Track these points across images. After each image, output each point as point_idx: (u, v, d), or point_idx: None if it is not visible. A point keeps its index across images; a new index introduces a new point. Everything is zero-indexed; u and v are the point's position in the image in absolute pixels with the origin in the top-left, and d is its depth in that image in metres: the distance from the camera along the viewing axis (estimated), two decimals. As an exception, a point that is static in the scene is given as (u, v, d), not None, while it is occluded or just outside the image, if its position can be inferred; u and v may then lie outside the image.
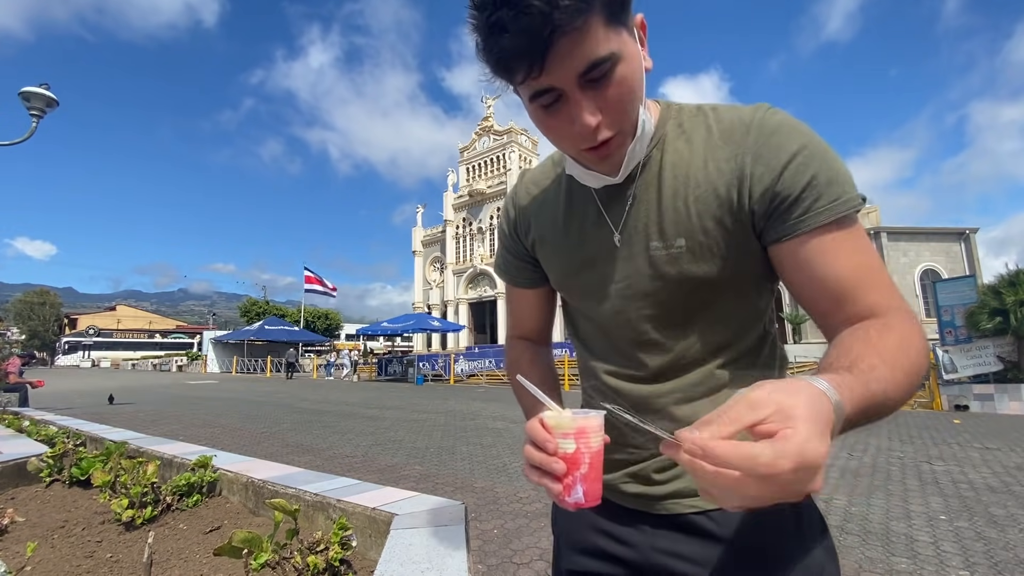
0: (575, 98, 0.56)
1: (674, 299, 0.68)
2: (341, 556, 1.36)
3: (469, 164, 40.53)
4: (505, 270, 0.89)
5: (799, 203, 0.59)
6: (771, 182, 0.60)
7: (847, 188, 0.59)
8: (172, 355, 43.01)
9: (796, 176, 0.59)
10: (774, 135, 0.61)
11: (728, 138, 0.64)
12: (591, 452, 0.54)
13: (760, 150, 0.61)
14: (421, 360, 20.82)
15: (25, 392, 8.85)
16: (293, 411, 9.97)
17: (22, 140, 7.31)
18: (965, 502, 3.73)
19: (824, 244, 0.59)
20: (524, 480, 4.40)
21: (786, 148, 0.60)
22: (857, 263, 0.58)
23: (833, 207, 0.58)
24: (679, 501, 0.70)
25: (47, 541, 1.74)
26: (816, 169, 0.58)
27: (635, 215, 0.68)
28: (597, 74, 0.54)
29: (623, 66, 0.55)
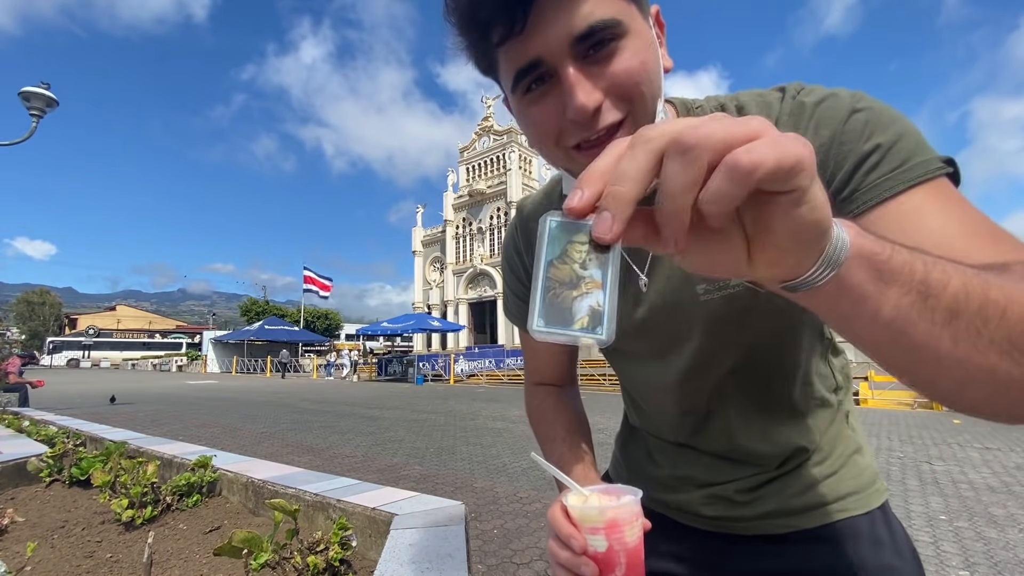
0: (567, 73, 0.44)
1: (730, 336, 0.59)
2: (341, 556, 1.36)
3: (469, 164, 40.52)
4: (517, 315, 0.80)
5: (859, 170, 0.45)
6: (822, 157, 0.47)
7: (913, 150, 0.45)
8: (172, 355, 43.03)
9: (852, 143, 0.46)
10: (817, 106, 0.49)
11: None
12: (627, 549, 0.45)
13: (799, 126, 0.51)
14: (421, 360, 20.82)
15: (25, 392, 8.85)
16: (293, 411, 9.97)
17: (22, 140, 7.31)
18: (965, 502, 3.73)
19: (899, 213, 0.43)
20: (524, 480, 4.41)
21: (835, 115, 0.48)
22: (956, 222, 0.42)
23: (910, 169, 0.44)
24: (771, 522, 0.64)
25: (47, 541, 1.74)
26: (874, 128, 0.46)
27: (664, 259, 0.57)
28: (598, 40, 0.44)
29: (633, 41, 0.45)
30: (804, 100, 0.51)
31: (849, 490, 0.64)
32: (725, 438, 0.66)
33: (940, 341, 0.30)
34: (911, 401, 10.31)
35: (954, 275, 0.31)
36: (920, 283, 0.30)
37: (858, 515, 0.62)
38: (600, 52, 0.44)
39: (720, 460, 0.67)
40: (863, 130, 0.46)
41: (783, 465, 0.64)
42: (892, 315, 0.30)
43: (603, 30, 0.43)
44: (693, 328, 0.60)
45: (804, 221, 0.27)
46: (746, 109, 0.55)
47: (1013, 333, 0.30)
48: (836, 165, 0.47)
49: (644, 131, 0.28)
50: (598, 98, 0.45)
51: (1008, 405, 0.32)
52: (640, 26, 0.47)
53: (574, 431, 0.75)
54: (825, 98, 0.50)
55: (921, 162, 0.44)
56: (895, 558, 0.62)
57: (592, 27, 0.42)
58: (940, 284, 0.30)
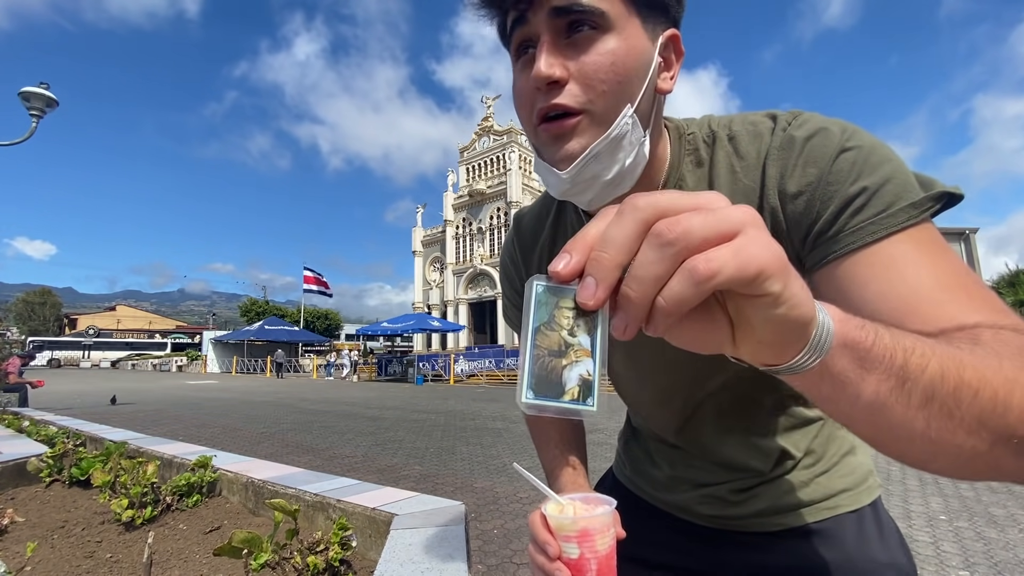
0: (541, 42, 0.47)
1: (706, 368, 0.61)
2: (341, 556, 1.36)
3: (469, 164, 40.52)
4: (515, 321, 0.83)
5: (842, 214, 0.46)
6: (805, 201, 0.49)
7: (907, 189, 0.45)
8: (172, 355, 43.03)
9: (834, 186, 0.47)
10: (805, 145, 0.50)
11: (753, 175, 0.53)
12: (597, 557, 0.48)
13: (786, 167, 0.50)
14: (421, 360, 20.82)
15: (25, 392, 8.85)
16: (293, 411, 9.97)
17: (22, 140, 7.31)
18: (965, 502, 3.73)
19: (875, 262, 0.44)
20: (524, 480, 4.40)
21: (822, 155, 0.48)
22: (931, 275, 0.42)
23: (891, 216, 0.44)
24: (764, 520, 0.66)
25: (47, 541, 1.74)
26: (859, 171, 0.46)
27: None
28: (575, 20, 0.46)
29: (612, 38, 0.47)
30: (794, 134, 0.51)
31: (840, 488, 0.65)
32: (712, 452, 0.69)
33: (914, 422, 0.31)
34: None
35: (932, 358, 0.31)
36: (900, 369, 0.31)
37: (848, 512, 0.64)
38: (576, 35, 0.47)
39: (713, 464, 0.70)
40: (850, 171, 0.47)
41: (774, 470, 0.66)
42: (871, 399, 0.31)
43: (581, 12, 0.45)
44: (672, 357, 0.62)
45: (784, 319, 0.27)
46: (738, 139, 0.55)
47: (983, 414, 0.30)
48: (822, 205, 0.48)
49: (634, 199, 0.28)
50: (559, 72, 0.47)
51: (972, 472, 0.34)
52: (631, 32, 0.48)
53: (567, 436, 0.78)
54: (815, 133, 0.50)
55: (905, 207, 0.44)
56: (883, 553, 0.63)
57: (572, 5, 0.45)
58: (919, 369, 0.31)
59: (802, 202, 0.49)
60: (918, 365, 0.31)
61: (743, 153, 0.55)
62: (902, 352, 0.31)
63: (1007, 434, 0.31)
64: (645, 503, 0.80)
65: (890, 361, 0.31)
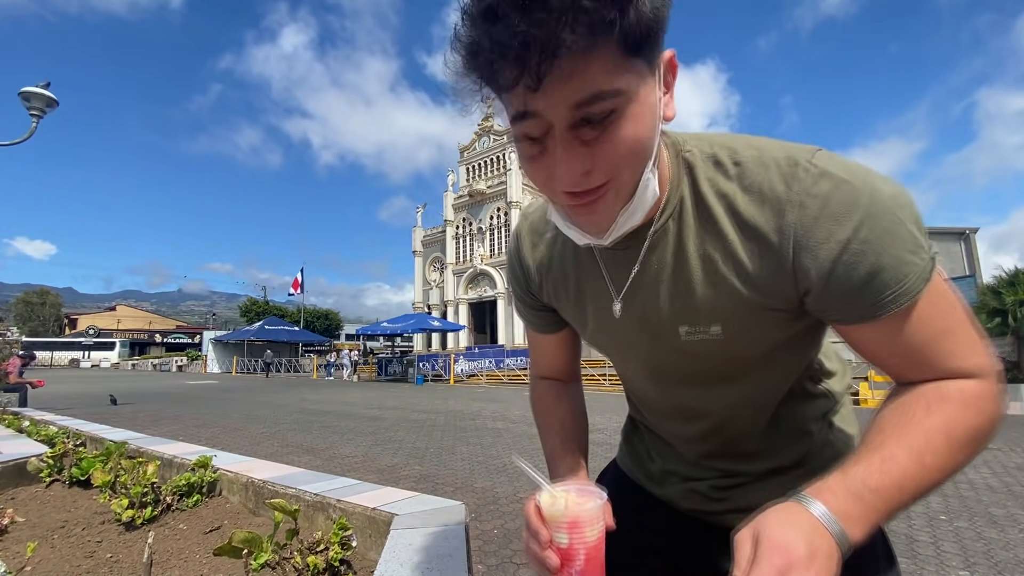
0: (562, 135, 0.45)
1: (714, 373, 0.64)
2: (341, 556, 1.36)
3: (469, 164, 40.51)
4: (526, 318, 0.83)
5: (861, 297, 0.49)
6: (822, 278, 0.50)
7: (917, 258, 0.48)
8: (171, 355, 42.99)
9: (852, 269, 0.48)
10: (819, 219, 0.49)
11: (760, 217, 0.52)
12: (586, 546, 0.50)
13: (804, 238, 0.50)
14: (421, 360, 20.83)
15: (25, 392, 8.85)
16: (293, 411, 9.97)
17: (22, 140, 7.31)
18: (965, 502, 3.73)
19: (894, 324, 0.50)
20: (524, 480, 4.41)
21: (837, 236, 0.48)
22: (932, 332, 0.51)
23: (902, 293, 0.48)
24: (738, 515, 0.67)
25: (47, 541, 1.74)
26: (877, 255, 0.48)
27: (642, 287, 0.60)
28: (596, 112, 0.44)
29: (631, 112, 0.45)
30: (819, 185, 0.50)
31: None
32: (710, 454, 0.72)
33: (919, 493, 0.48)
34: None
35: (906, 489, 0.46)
36: (887, 514, 0.46)
37: None
38: (597, 122, 0.45)
39: (705, 463, 0.74)
40: (874, 239, 0.48)
41: (763, 475, 0.71)
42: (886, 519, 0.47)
43: (603, 100, 0.43)
44: (672, 356, 0.64)
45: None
46: (744, 168, 0.54)
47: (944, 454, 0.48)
48: (846, 269, 0.49)
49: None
50: (581, 173, 0.47)
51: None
52: (645, 91, 0.46)
53: (568, 425, 0.80)
54: (838, 187, 0.49)
55: (918, 277, 0.49)
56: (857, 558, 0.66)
57: (593, 95, 0.43)
58: (900, 504, 0.46)
59: (823, 261, 0.49)
60: (899, 502, 0.46)
61: (749, 186, 0.53)
62: (885, 507, 0.46)
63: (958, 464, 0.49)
64: (643, 491, 0.83)
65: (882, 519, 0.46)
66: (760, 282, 0.53)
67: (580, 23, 0.39)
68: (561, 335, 0.81)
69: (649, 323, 0.62)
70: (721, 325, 0.57)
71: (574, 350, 0.85)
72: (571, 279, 0.69)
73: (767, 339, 0.58)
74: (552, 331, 0.81)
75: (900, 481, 0.46)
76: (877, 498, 0.45)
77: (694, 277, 0.56)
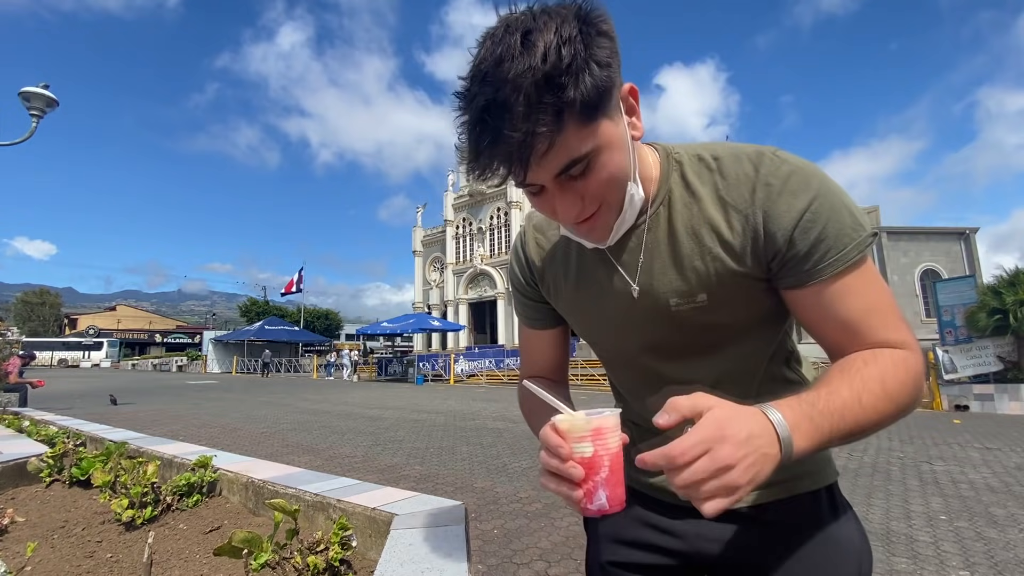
0: (555, 192, 0.58)
1: (698, 344, 0.71)
2: (341, 556, 1.36)
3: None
4: (522, 313, 0.89)
5: (810, 257, 0.61)
6: (784, 242, 0.61)
7: (856, 233, 0.60)
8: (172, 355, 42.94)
9: (806, 234, 0.60)
10: (782, 194, 0.61)
11: (736, 195, 0.64)
12: (610, 454, 0.53)
13: (769, 209, 0.62)
14: (421, 360, 20.82)
15: (25, 392, 8.85)
16: (293, 411, 9.97)
17: (22, 140, 7.31)
18: (965, 502, 3.73)
19: (835, 290, 0.61)
20: (524, 480, 4.41)
21: (795, 207, 0.61)
22: (865, 305, 0.62)
23: (842, 257, 0.60)
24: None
25: (47, 541, 1.74)
26: (824, 223, 0.60)
27: (650, 271, 0.69)
28: (575, 172, 0.56)
29: (603, 157, 0.57)
30: (779, 169, 0.63)
31: (800, 472, 0.73)
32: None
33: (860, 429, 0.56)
34: (911, 401, 10.32)
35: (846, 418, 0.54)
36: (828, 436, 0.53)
37: (806, 492, 0.73)
38: (578, 176, 0.57)
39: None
40: (823, 212, 0.60)
41: None
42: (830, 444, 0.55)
43: (578, 163, 0.55)
44: (665, 330, 0.71)
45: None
46: (722, 162, 0.66)
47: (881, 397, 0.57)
48: (800, 235, 0.61)
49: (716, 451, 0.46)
50: (577, 209, 0.60)
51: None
52: (611, 135, 0.57)
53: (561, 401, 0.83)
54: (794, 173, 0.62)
55: (857, 245, 0.60)
56: (837, 529, 0.72)
57: (568, 164, 0.55)
58: (840, 431, 0.54)
59: (784, 227, 0.61)
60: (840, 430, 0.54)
61: (726, 174, 0.65)
62: (828, 427, 0.53)
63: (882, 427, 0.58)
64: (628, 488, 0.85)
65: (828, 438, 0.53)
66: (739, 249, 0.64)
67: (545, 116, 0.50)
68: (554, 332, 0.87)
69: (647, 299, 0.70)
70: (707, 293, 0.67)
71: (564, 350, 0.90)
72: (572, 271, 0.77)
73: (743, 307, 0.68)
74: (546, 326, 0.87)
75: (842, 410, 0.54)
76: (823, 419, 0.53)
77: (684, 252, 0.67)
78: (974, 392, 9.18)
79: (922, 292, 26.27)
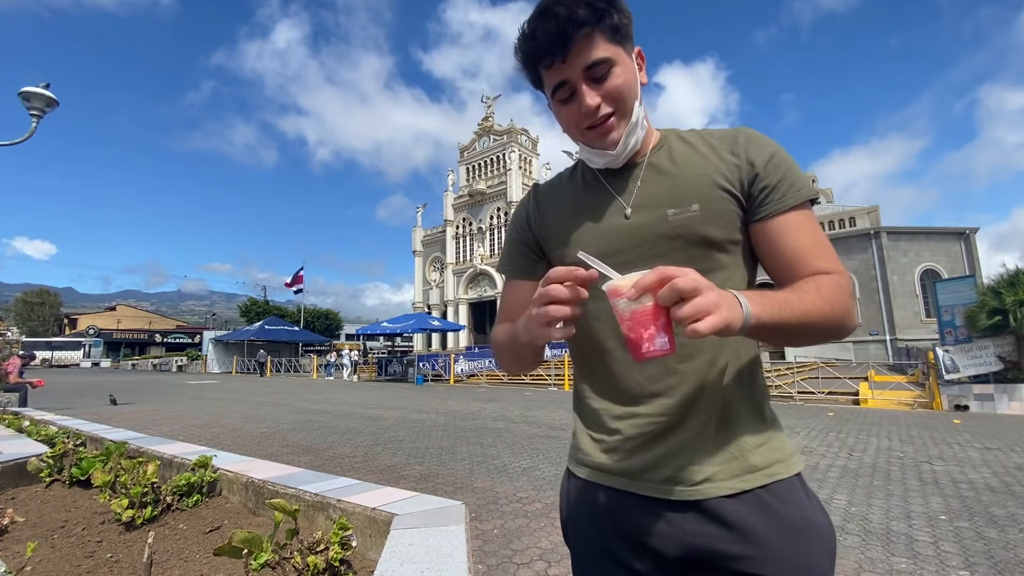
0: (582, 88, 0.76)
1: (689, 261, 0.77)
2: (341, 556, 1.36)
3: (469, 164, 40.51)
4: (509, 262, 0.97)
5: (778, 188, 0.78)
6: (761, 171, 0.79)
7: (807, 182, 0.80)
8: (172, 355, 42.92)
9: (776, 168, 0.79)
10: (758, 141, 0.82)
11: (723, 142, 0.83)
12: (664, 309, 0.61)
13: (749, 148, 0.80)
14: (421, 360, 20.82)
15: (25, 392, 8.85)
16: (293, 411, 9.97)
17: (22, 140, 7.31)
18: (965, 502, 3.73)
19: (791, 224, 0.78)
20: (524, 480, 4.41)
21: (767, 150, 0.80)
22: (810, 240, 0.77)
23: (799, 194, 0.78)
24: (714, 485, 0.75)
25: (47, 541, 1.74)
26: (787, 167, 0.79)
27: (648, 192, 0.83)
28: (598, 72, 0.75)
29: (618, 69, 0.77)
30: (752, 133, 0.83)
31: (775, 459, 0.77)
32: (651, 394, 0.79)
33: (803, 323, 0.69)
34: (911, 401, 10.32)
35: (789, 305, 0.68)
36: (777, 315, 0.66)
37: (782, 479, 0.76)
38: (600, 78, 0.76)
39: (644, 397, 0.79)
40: (785, 160, 0.80)
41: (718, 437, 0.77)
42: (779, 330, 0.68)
43: (601, 64, 0.75)
44: (660, 243, 0.80)
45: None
46: (709, 130, 0.87)
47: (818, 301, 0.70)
48: (769, 172, 0.79)
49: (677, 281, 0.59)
50: (598, 101, 0.77)
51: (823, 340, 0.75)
52: (625, 60, 0.78)
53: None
54: (762, 137, 0.83)
55: (807, 191, 0.78)
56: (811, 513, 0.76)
57: (595, 61, 0.75)
58: (785, 314, 0.67)
59: (761, 160, 0.79)
60: (785, 312, 0.67)
61: (712, 133, 0.86)
62: (776, 307, 0.66)
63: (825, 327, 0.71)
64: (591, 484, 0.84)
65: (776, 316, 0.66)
66: (725, 171, 0.80)
67: (584, 16, 0.73)
68: (536, 283, 0.86)
69: (649, 216, 0.81)
70: (699, 203, 0.79)
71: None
72: (567, 203, 0.90)
73: (729, 222, 0.79)
74: (530, 276, 0.93)
75: (787, 297, 0.69)
76: (770, 300, 0.66)
77: (684, 172, 0.82)
78: (974, 392, 9.18)
79: (922, 292, 26.27)
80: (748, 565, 0.72)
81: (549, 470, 4.79)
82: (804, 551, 0.73)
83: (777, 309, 0.66)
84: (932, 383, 9.70)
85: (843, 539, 3.04)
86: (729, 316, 0.58)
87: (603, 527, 0.81)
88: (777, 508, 0.74)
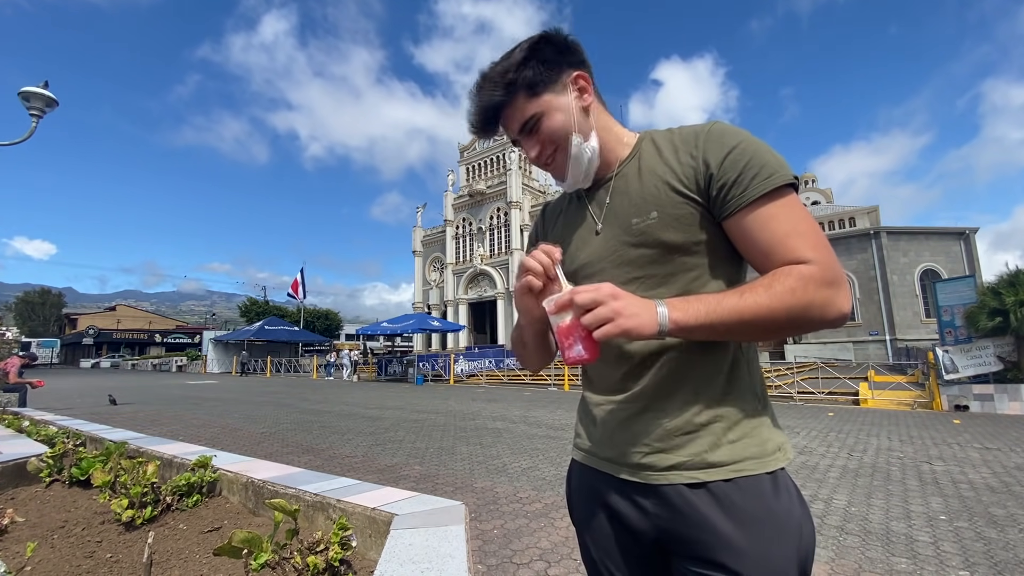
0: (523, 144, 0.89)
1: (654, 265, 0.84)
2: (341, 556, 1.36)
3: (469, 164, 40.51)
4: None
5: (740, 183, 0.77)
6: (716, 170, 0.79)
7: (777, 168, 0.77)
8: (171, 355, 42.91)
9: (735, 163, 0.78)
10: (718, 138, 0.81)
11: (686, 143, 0.84)
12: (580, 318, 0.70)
13: (708, 147, 0.81)
14: (421, 360, 20.82)
15: (24, 392, 8.85)
16: (293, 411, 9.97)
17: (22, 140, 7.31)
18: (965, 502, 3.74)
19: (761, 216, 0.76)
20: (524, 480, 4.41)
21: (726, 144, 0.80)
22: (782, 230, 0.75)
23: (766, 183, 0.76)
24: (678, 473, 0.79)
25: (47, 541, 1.74)
26: (749, 158, 0.77)
27: (616, 205, 0.89)
28: (529, 127, 0.87)
29: (546, 119, 0.86)
30: (713, 128, 0.84)
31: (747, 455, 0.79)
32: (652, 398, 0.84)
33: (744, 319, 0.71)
34: (911, 401, 10.32)
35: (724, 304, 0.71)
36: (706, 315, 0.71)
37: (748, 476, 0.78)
38: (532, 131, 0.87)
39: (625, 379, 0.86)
40: (750, 151, 0.78)
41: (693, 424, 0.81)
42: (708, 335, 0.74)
43: (528, 121, 0.86)
44: (628, 251, 0.86)
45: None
46: (681, 130, 0.88)
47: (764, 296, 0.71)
48: (731, 166, 0.78)
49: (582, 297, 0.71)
50: (538, 148, 0.89)
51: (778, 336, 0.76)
52: (552, 103, 0.85)
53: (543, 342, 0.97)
54: (727, 130, 0.83)
55: (766, 182, 0.76)
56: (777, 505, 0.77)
57: (523, 123, 0.87)
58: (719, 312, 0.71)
59: (717, 158, 0.79)
60: (719, 310, 0.71)
61: (682, 132, 0.87)
62: (704, 308, 0.71)
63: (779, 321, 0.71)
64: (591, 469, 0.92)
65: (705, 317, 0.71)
66: (683, 176, 0.82)
67: (500, 97, 0.85)
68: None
69: (617, 227, 0.87)
70: (656, 210, 0.83)
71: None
72: (561, 221, 1.00)
73: (689, 225, 0.81)
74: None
75: (721, 298, 0.72)
76: (699, 304, 0.71)
77: (645, 183, 0.85)
78: (974, 392, 9.18)
79: (922, 292, 26.26)
80: (708, 552, 0.75)
81: (549, 470, 4.79)
82: (761, 540, 0.74)
83: (705, 311, 0.70)
84: (932, 383, 9.70)
85: (843, 539, 3.04)
86: (628, 324, 0.67)
87: (595, 506, 0.89)
88: (737, 500, 0.76)
